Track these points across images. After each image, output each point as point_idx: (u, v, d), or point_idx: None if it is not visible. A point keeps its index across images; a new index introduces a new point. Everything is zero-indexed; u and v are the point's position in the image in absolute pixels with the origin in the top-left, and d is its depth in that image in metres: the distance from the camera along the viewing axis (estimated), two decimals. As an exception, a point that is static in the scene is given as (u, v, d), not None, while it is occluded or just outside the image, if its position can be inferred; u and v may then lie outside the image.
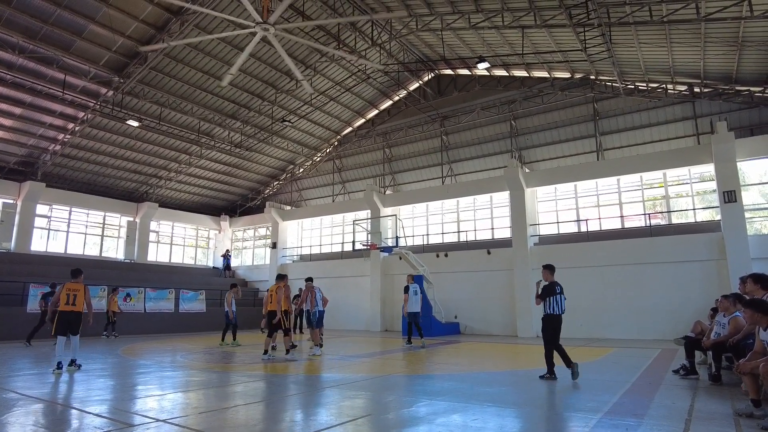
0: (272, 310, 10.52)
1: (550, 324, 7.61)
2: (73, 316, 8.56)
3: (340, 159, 26.07)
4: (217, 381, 7.83)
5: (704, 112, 16.98)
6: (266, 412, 5.57)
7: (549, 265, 7.94)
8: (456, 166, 22.48)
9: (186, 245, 27.81)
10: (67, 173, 21.93)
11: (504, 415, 5.43)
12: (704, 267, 15.06)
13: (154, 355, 11.70)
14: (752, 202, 15.74)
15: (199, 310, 20.80)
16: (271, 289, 10.72)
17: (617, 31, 14.05)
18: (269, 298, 10.66)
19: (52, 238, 22.05)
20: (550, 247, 18.13)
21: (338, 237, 25.48)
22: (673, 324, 14.54)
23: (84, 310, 8.73)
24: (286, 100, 21.17)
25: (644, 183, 17.69)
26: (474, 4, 14.25)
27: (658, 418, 5.01)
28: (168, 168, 23.81)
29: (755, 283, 6.19)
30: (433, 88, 22.03)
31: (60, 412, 5.51)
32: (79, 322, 8.63)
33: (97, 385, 7.29)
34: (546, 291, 7.68)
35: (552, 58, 17.41)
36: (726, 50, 13.93)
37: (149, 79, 17.87)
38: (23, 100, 17.31)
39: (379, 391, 6.97)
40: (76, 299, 8.60)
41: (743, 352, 5.87)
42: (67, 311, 8.52)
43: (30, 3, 13.62)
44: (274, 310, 10.50)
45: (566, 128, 19.64)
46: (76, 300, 8.59)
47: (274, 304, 10.49)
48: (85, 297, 8.76)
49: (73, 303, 8.57)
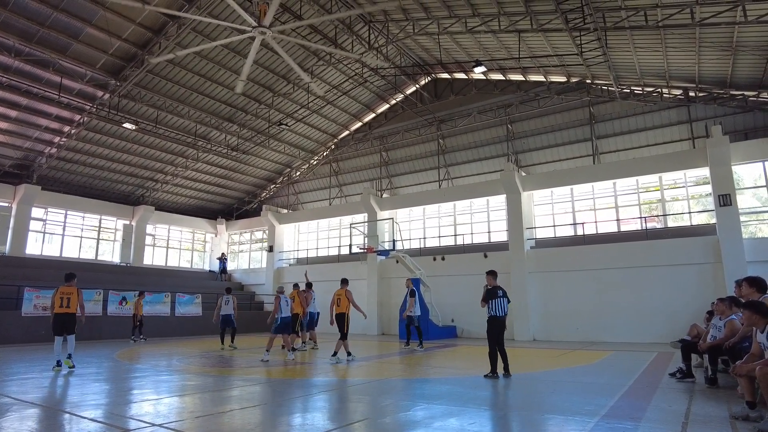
0: (340, 312, 10.88)
1: (491, 325, 8.23)
2: (68, 317, 9.20)
3: (337, 162, 26.08)
4: (213, 385, 7.79)
5: (699, 116, 17.09)
6: (263, 417, 5.55)
7: (492, 270, 8.65)
8: (453, 170, 22.52)
9: (182, 248, 27.73)
10: (62, 176, 21.84)
11: (501, 418, 5.42)
12: (700, 270, 15.12)
13: (150, 358, 11.64)
14: (747, 206, 15.82)
15: (195, 314, 20.71)
16: (338, 293, 11.05)
17: (613, 36, 14.14)
18: (336, 301, 11.02)
19: (48, 241, 21.94)
20: (547, 251, 18.16)
21: (335, 240, 25.45)
22: (670, 327, 14.58)
23: (78, 312, 9.37)
24: (283, 103, 21.18)
25: (640, 186, 17.76)
26: (471, 8, 14.32)
27: (655, 422, 5.02)
28: (164, 171, 23.76)
29: (750, 286, 6.21)
30: (430, 92, 22.09)
31: (55, 417, 5.47)
32: (74, 323, 9.28)
33: (93, 389, 7.24)
34: (488, 294, 8.28)
35: (548, 62, 17.49)
36: (720, 55, 14.03)
37: (146, 82, 17.84)
38: (19, 103, 17.25)
39: (377, 394, 6.96)
40: (69, 302, 9.23)
41: (739, 355, 5.89)
42: (61, 313, 9.15)
43: (26, 5, 13.60)
44: (341, 313, 10.85)
45: (562, 132, 19.72)
46: (69, 302, 9.22)
47: (342, 308, 10.85)
48: (78, 299, 9.36)
49: (67, 305, 9.20)
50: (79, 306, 9.36)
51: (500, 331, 8.22)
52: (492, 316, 8.23)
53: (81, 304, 9.41)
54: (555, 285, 17.51)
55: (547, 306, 17.52)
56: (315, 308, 14.21)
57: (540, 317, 17.58)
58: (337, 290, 11.09)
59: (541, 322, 17.53)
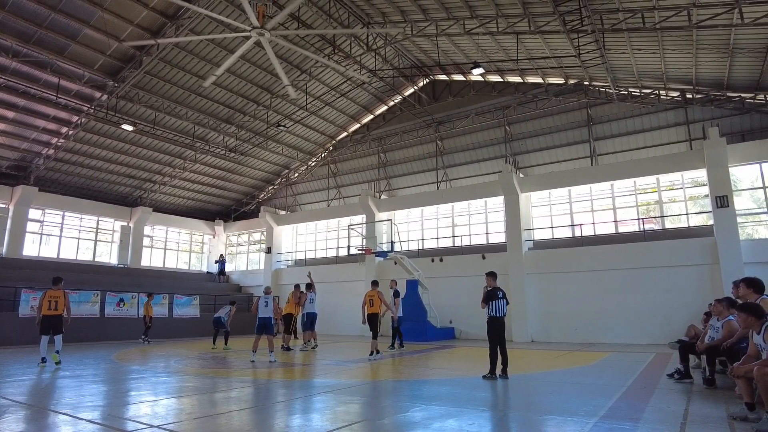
0: (373, 313, 11.58)
1: (492, 325, 8.28)
2: (55, 319, 9.93)
3: (335, 164, 26.07)
4: (210, 386, 7.77)
5: (696, 117, 17.15)
6: (260, 418, 5.53)
7: (491, 272, 8.69)
8: (451, 171, 22.54)
9: (180, 250, 27.66)
10: (60, 177, 21.78)
11: (499, 419, 5.42)
12: (697, 271, 15.15)
13: (148, 360, 11.61)
14: (744, 207, 15.88)
15: (192, 316, 20.66)
16: (370, 294, 11.75)
17: (610, 38, 14.19)
18: (368, 301, 11.67)
19: (45, 242, 21.87)
20: (545, 252, 18.18)
21: (333, 242, 25.43)
22: (668, 328, 14.60)
23: (65, 314, 10.07)
24: (282, 104, 21.18)
25: (638, 188, 17.80)
26: (469, 10, 14.35)
27: (654, 422, 5.02)
28: (162, 172, 23.72)
29: (748, 287, 6.23)
30: (428, 94, 22.11)
31: (51, 419, 5.44)
32: (61, 324, 9.99)
33: (90, 390, 7.21)
34: (488, 295, 8.35)
35: (546, 64, 17.53)
36: (717, 57, 14.09)
37: (144, 83, 17.82)
38: (16, 104, 17.20)
39: (375, 396, 6.95)
40: (57, 305, 9.95)
41: (737, 356, 5.89)
42: (50, 315, 9.88)
43: (24, 6, 13.56)
44: (374, 313, 11.59)
45: (560, 133, 19.76)
46: (57, 305, 9.94)
47: (375, 308, 11.57)
48: (65, 302, 10.08)
49: (55, 308, 9.93)
50: (66, 308, 10.07)
51: (501, 331, 8.25)
52: (492, 316, 8.27)
53: (67, 306, 10.12)
54: (553, 286, 17.53)
55: (546, 307, 17.53)
56: (314, 309, 14.22)
57: (538, 318, 17.59)
58: (369, 291, 11.87)
59: (540, 323, 17.54)
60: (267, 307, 11.27)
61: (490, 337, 8.27)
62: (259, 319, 11.19)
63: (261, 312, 11.20)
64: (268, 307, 11.29)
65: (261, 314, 11.20)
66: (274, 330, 11.58)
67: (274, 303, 11.53)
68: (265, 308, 11.24)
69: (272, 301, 11.43)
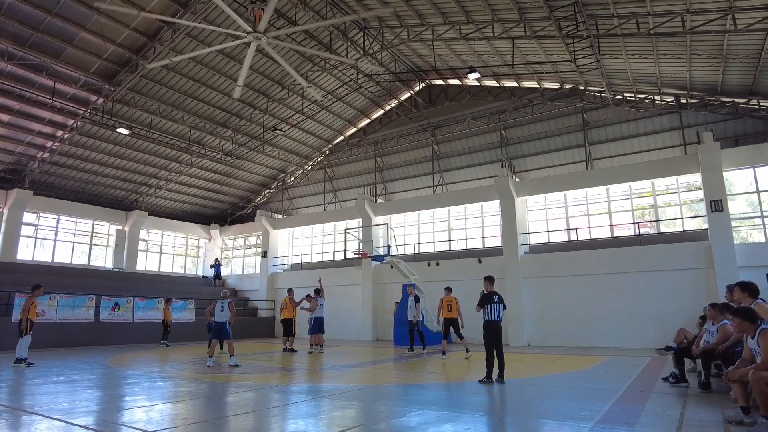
0: (452, 317, 12.58)
1: (488, 330, 8.31)
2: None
3: (332, 168, 26.08)
4: (206, 391, 7.73)
5: (691, 122, 17.27)
6: (256, 423, 5.51)
7: (489, 276, 8.70)
8: (447, 175, 22.59)
9: (175, 254, 27.55)
10: (55, 181, 21.69)
11: (496, 424, 5.42)
12: (692, 275, 15.22)
13: (143, 365, 11.53)
14: (739, 212, 15.97)
15: (188, 320, 20.55)
16: (447, 299, 12.74)
17: (606, 43, 14.29)
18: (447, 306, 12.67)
19: (39, 246, 21.75)
20: (541, 256, 18.22)
21: (329, 246, 25.39)
22: (662, 332, 14.62)
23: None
24: (278, 108, 21.19)
25: (633, 192, 17.88)
26: (465, 15, 14.42)
27: (650, 426, 5.03)
28: (158, 176, 23.65)
29: (742, 291, 6.26)
30: (425, 98, 22.18)
31: (46, 425, 5.40)
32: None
33: (84, 396, 7.16)
34: (484, 300, 8.36)
35: (542, 69, 17.62)
36: (711, 62, 14.20)
37: (140, 87, 17.79)
38: (11, 107, 17.13)
39: (371, 400, 6.93)
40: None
41: (732, 360, 5.92)
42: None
43: (20, 9, 13.53)
44: (453, 318, 12.58)
45: (556, 138, 19.85)
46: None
47: (453, 313, 12.59)
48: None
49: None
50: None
51: (497, 335, 8.27)
52: (488, 320, 8.29)
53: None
54: (549, 290, 17.55)
55: (542, 311, 17.55)
56: (323, 313, 14.46)
57: (534, 322, 17.60)
58: (446, 297, 12.79)
59: (536, 327, 17.55)
60: (223, 312, 11.04)
61: (486, 341, 8.29)
62: (215, 323, 11.05)
63: (217, 316, 11.00)
64: (224, 311, 11.06)
65: (217, 318, 11.00)
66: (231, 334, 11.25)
67: (230, 307, 11.20)
68: (221, 312, 11.02)
69: (228, 305, 11.16)
